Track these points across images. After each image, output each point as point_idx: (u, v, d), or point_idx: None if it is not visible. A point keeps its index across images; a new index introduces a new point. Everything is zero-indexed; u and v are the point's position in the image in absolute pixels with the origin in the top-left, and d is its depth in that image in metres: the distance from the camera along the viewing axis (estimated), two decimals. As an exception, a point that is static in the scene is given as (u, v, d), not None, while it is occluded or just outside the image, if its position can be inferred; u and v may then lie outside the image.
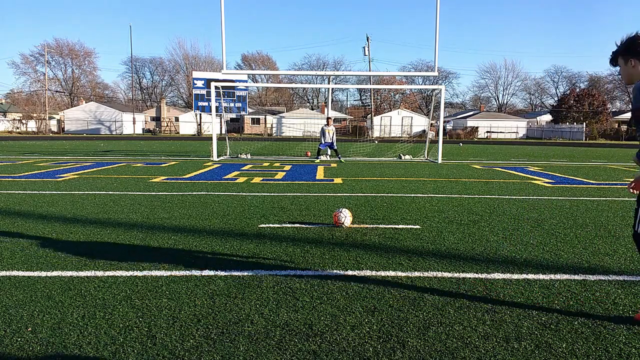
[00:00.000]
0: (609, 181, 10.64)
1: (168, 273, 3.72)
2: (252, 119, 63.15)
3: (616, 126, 58.90)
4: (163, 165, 13.90)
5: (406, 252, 4.39)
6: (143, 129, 63.56)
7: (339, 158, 16.71)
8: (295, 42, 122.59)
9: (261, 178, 10.48)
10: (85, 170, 11.81)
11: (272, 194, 7.93)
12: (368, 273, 3.77)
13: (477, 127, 58.39)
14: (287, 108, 75.72)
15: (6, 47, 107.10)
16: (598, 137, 53.56)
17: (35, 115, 57.67)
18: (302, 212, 6.34)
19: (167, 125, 62.78)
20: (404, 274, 3.75)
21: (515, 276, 3.73)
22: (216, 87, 18.30)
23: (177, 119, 64.69)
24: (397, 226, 5.49)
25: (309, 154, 19.17)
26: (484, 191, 8.61)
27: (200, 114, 51.83)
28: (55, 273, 3.69)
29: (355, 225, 5.49)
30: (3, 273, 3.68)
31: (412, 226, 5.48)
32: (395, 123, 58.93)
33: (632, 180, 2.92)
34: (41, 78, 68.52)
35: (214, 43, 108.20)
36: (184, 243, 4.62)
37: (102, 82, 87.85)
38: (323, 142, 16.85)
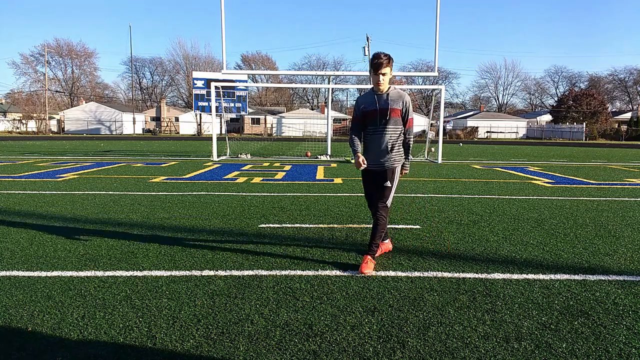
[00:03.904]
0: (609, 181, 10.64)
1: (168, 273, 3.72)
2: (252, 119, 63.15)
3: (616, 126, 58.88)
4: (163, 165, 13.90)
5: (406, 252, 4.39)
6: (143, 129, 63.56)
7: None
8: (295, 42, 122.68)
9: (261, 178, 10.48)
10: (85, 170, 11.81)
11: (272, 194, 7.93)
12: (368, 273, 3.77)
13: (477, 127, 58.41)
14: (287, 108, 75.74)
15: (6, 47, 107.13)
16: (598, 137, 53.56)
17: (35, 115, 57.66)
18: (302, 212, 6.33)
19: (167, 125, 62.78)
20: (404, 274, 3.75)
21: (515, 276, 3.73)
22: (216, 87, 18.29)
23: (177, 119, 64.68)
24: (397, 226, 5.49)
25: (309, 154, 19.17)
26: (484, 191, 8.61)
27: (200, 114, 51.84)
28: (55, 273, 3.69)
29: (355, 225, 5.49)
30: (3, 273, 3.68)
31: (412, 226, 5.48)
32: (395, 123, 58.82)
33: None
34: (41, 78, 68.56)
35: (214, 43, 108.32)
36: (184, 243, 4.62)
37: (102, 82, 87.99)
38: None
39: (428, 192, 8.47)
